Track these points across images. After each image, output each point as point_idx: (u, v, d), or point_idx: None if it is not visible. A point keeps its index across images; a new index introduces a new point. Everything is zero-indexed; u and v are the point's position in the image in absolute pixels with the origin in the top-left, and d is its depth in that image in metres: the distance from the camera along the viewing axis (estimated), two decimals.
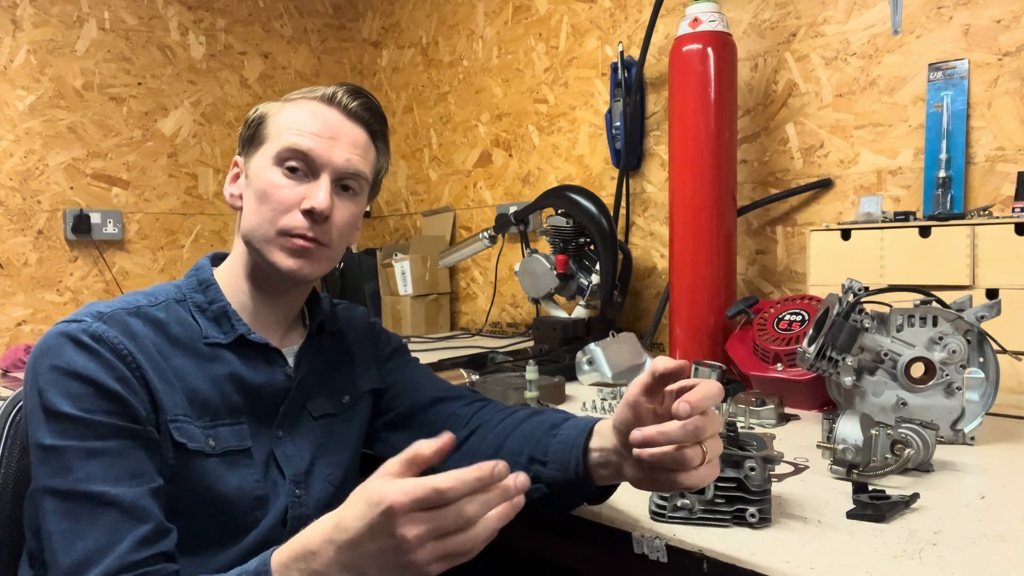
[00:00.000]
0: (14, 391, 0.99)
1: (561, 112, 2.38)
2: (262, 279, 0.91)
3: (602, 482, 0.81)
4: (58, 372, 0.76)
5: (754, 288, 1.90)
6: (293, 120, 0.88)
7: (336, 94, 0.90)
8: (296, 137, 0.86)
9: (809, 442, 1.09)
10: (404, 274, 2.55)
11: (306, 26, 3.02)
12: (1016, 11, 1.48)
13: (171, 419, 0.80)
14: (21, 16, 2.34)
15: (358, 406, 0.99)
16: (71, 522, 0.72)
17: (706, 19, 1.61)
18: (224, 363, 0.86)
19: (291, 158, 0.86)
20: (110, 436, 0.75)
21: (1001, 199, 1.50)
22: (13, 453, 0.96)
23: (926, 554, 0.73)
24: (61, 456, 0.74)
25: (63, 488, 0.73)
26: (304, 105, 0.89)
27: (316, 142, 0.86)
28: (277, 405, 0.90)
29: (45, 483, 0.74)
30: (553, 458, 0.82)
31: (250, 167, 0.90)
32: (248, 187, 0.90)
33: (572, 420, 0.86)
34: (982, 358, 1.12)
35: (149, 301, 0.86)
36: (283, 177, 0.86)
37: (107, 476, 0.74)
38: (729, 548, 0.76)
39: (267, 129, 0.89)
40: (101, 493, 0.73)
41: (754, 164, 1.89)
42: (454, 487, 0.58)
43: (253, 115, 0.92)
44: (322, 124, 0.88)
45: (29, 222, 2.37)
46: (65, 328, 0.78)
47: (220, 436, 0.83)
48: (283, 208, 0.86)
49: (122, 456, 0.75)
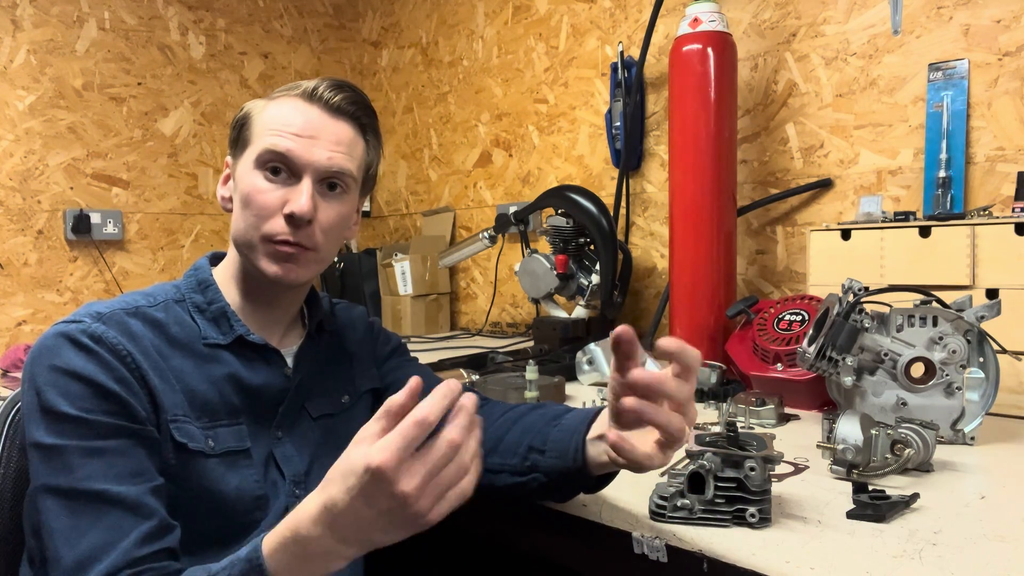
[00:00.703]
0: (14, 391, 0.99)
1: (561, 112, 2.38)
2: (254, 283, 0.90)
3: (598, 470, 0.80)
4: (57, 372, 0.76)
5: (754, 288, 1.90)
6: (273, 120, 0.85)
7: (317, 89, 0.86)
8: (275, 138, 0.83)
9: (809, 442, 1.09)
10: (404, 274, 2.55)
11: (306, 26, 3.02)
12: (1016, 11, 1.48)
13: (171, 419, 0.80)
14: (21, 16, 2.34)
15: (358, 406, 0.99)
16: (73, 520, 0.72)
17: (706, 19, 1.61)
18: (223, 364, 0.86)
19: (271, 160, 0.84)
20: (110, 435, 0.75)
21: (1001, 199, 1.50)
22: (12, 453, 0.96)
23: (926, 554, 0.73)
24: (61, 455, 0.73)
25: (65, 487, 0.73)
26: (285, 103, 0.87)
27: (296, 142, 0.84)
28: (276, 406, 0.90)
29: (46, 482, 0.74)
30: (552, 446, 0.83)
31: (236, 169, 0.89)
32: (236, 190, 0.89)
33: (576, 411, 0.87)
34: (982, 358, 1.12)
35: (148, 302, 0.86)
36: (265, 181, 0.84)
37: (108, 475, 0.74)
38: (729, 548, 0.76)
39: (250, 130, 0.88)
40: (103, 491, 0.73)
41: (754, 164, 1.89)
42: (427, 413, 0.59)
43: (239, 115, 0.90)
44: (303, 122, 0.84)
45: (29, 222, 2.37)
46: (64, 329, 0.78)
47: (219, 436, 0.83)
48: (266, 213, 0.84)
49: (123, 455, 0.75)
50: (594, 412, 0.84)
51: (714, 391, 1.43)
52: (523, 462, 0.86)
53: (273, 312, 0.93)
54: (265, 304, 0.92)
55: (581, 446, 0.80)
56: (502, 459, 0.88)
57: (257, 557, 0.66)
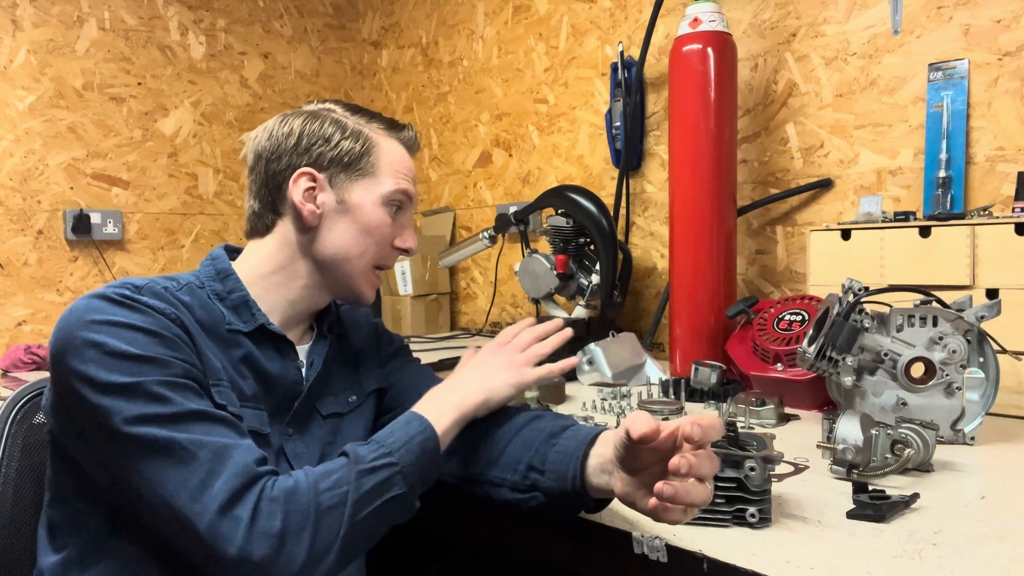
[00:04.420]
0: (14, 391, 0.99)
1: (561, 112, 2.38)
2: (316, 294, 0.94)
3: (597, 494, 0.80)
4: (108, 324, 0.74)
5: (754, 288, 1.90)
6: (399, 163, 0.95)
7: (414, 144, 0.99)
8: (406, 183, 0.95)
9: (809, 442, 1.09)
10: (404, 274, 2.55)
11: (306, 26, 3.01)
12: (1016, 11, 1.48)
13: (214, 383, 0.80)
14: (21, 16, 2.34)
15: (364, 405, 1.00)
16: (187, 435, 0.70)
17: (706, 19, 1.61)
18: (244, 348, 0.87)
19: (399, 200, 0.95)
20: (183, 375, 0.75)
21: (1001, 199, 1.50)
22: (14, 454, 0.96)
23: (926, 554, 0.73)
24: (147, 388, 0.71)
25: (163, 412, 0.71)
26: (397, 147, 0.96)
27: (413, 188, 0.97)
28: (288, 401, 0.90)
29: (137, 412, 0.70)
30: (551, 468, 0.82)
31: (349, 195, 0.92)
32: (343, 213, 0.92)
33: (572, 429, 0.86)
34: (982, 358, 1.12)
35: (174, 285, 0.86)
36: (388, 216, 0.94)
37: (200, 402, 0.74)
38: (729, 548, 0.76)
39: (376, 162, 0.93)
40: (203, 410, 0.73)
41: (754, 164, 1.89)
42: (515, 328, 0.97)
43: (358, 141, 0.93)
44: (413, 171, 0.98)
45: (29, 222, 2.37)
46: (101, 291, 0.77)
47: (247, 416, 0.83)
48: (384, 244, 0.95)
49: (200, 393, 0.76)
50: (591, 436, 0.82)
51: (714, 391, 1.43)
52: (523, 480, 0.85)
53: (302, 315, 0.95)
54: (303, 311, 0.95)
55: (580, 472, 0.79)
56: (503, 473, 0.87)
57: (418, 417, 0.81)
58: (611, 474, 0.77)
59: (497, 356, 0.93)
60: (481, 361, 0.94)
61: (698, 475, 0.67)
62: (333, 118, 0.93)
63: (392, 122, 0.97)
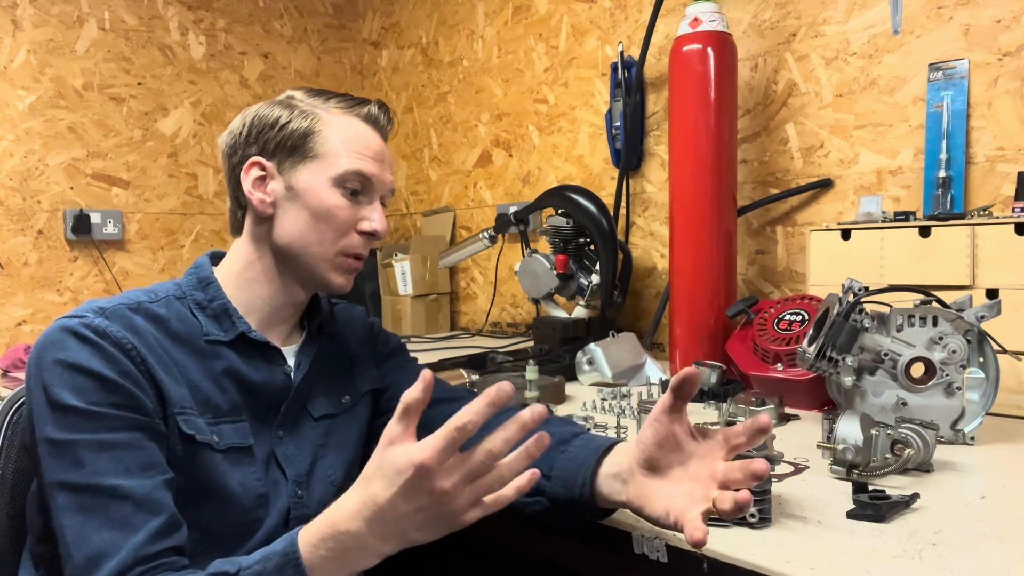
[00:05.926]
0: (13, 391, 0.99)
1: (561, 112, 2.38)
2: (287, 287, 0.91)
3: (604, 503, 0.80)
4: (62, 366, 0.76)
5: (754, 288, 1.90)
6: (353, 141, 0.89)
7: (379, 118, 0.93)
8: (359, 162, 0.89)
9: (809, 442, 1.09)
10: (404, 274, 2.55)
11: (306, 26, 3.02)
12: (1016, 11, 1.48)
13: (178, 412, 0.80)
14: (21, 16, 2.34)
15: (358, 406, 0.99)
16: (84, 516, 0.72)
17: (706, 19, 1.61)
18: (224, 360, 0.86)
19: (354, 181, 0.89)
20: (119, 428, 0.75)
21: (1001, 199, 1.50)
22: (11, 454, 0.96)
23: (926, 554, 0.73)
24: (71, 450, 0.73)
25: (75, 482, 0.72)
26: (352, 123, 0.90)
27: (374, 166, 0.90)
28: (277, 405, 0.90)
29: (56, 477, 0.73)
30: (558, 474, 0.82)
31: (297, 180, 0.88)
32: (293, 199, 0.88)
33: (581, 438, 0.85)
34: (982, 358, 1.12)
35: (149, 298, 0.86)
36: (343, 198, 0.89)
37: (118, 469, 0.73)
38: (729, 548, 0.76)
39: (318, 144, 0.88)
40: (114, 486, 0.72)
41: (754, 164, 1.89)
42: (470, 419, 0.63)
43: (296, 124, 0.89)
44: (377, 147, 0.91)
45: (29, 222, 2.37)
46: (67, 323, 0.78)
47: (223, 433, 0.83)
48: (344, 229, 0.90)
49: (133, 448, 0.75)
50: (605, 446, 0.82)
51: (714, 391, 1.43)
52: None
53: (285, 313, 0.94)
54: (283, 307, 0.93)
55: (589, 481, 0.79)
56: None
57: (294, 551, 0.67)
58: (625, 482, 0.77)
59: (435, 502, 0.65)
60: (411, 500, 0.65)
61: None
62: (284, 102, 0.91)
63: (352, 99, 0.92)
